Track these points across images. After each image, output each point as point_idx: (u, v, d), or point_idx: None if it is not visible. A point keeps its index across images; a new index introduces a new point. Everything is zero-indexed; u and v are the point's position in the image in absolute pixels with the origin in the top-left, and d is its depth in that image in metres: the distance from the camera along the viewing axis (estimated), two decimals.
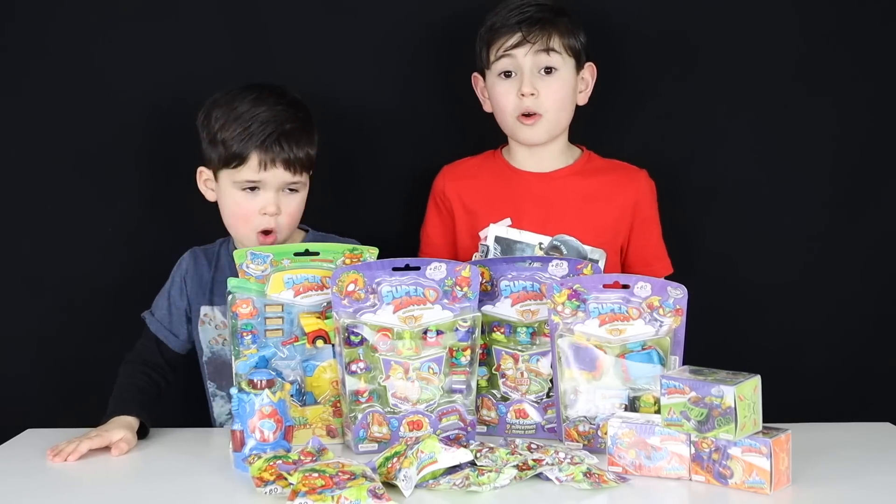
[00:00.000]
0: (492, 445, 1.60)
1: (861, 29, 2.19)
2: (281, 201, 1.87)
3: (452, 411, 1.71)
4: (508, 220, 2.00)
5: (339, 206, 2.11)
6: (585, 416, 1.69)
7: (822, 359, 2.23)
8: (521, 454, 1.57)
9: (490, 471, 1.50)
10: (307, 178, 1.91)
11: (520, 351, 1.77)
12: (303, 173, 1.89)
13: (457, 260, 1.79)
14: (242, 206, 1.87)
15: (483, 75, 2.04)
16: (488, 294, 1.77)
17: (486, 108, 2.05)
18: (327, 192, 1.95)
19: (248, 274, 1.73)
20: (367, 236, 1.85)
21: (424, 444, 1.50)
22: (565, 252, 1.97)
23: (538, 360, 1.76)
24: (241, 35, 2.17)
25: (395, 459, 1.51)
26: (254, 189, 1.86)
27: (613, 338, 1.68)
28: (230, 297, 1.71)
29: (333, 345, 1.73)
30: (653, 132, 2.20)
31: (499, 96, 2.00)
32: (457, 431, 1.70)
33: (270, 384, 1.61)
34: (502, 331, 1.77)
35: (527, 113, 1.97)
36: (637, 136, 2.20)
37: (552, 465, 1.54)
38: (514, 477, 1.50)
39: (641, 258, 2.05)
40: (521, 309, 1.77)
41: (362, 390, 1.68)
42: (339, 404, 1.73)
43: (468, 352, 1.70)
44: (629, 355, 1.67)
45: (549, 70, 1.97)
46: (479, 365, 1.74)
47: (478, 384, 1.74)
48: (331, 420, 1.75)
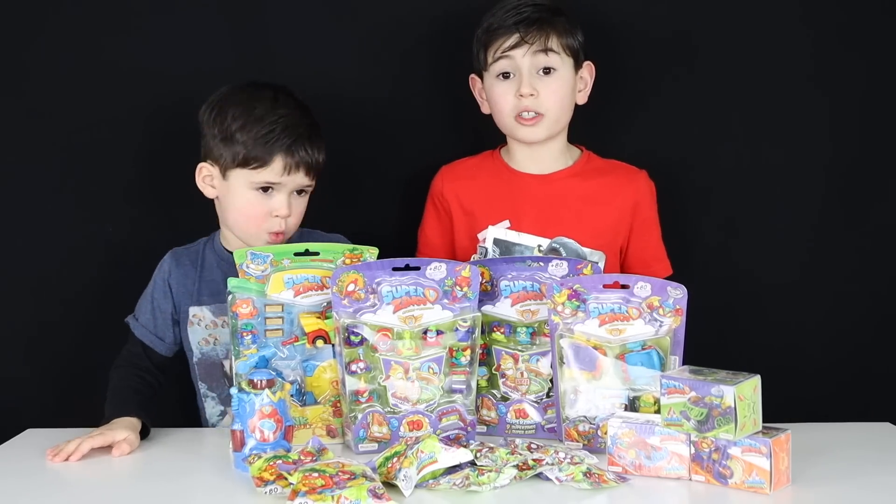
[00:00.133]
0: (492, 445, 1.60)
1: (862, 29, 2.19)
2: (291, 203, 1.88)
3: (452, 411, 1.71)
4: (507, 223, 1.99)
5: (336, 206, 2.10)
6: (585, 416, 1.69)
7: (822, 358, 2.23)
8: (521, 454, 1.57)
9: (490, 471, 1.50)
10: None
11: (520, 351, 1.77)
12: (316, 176, 1.89)
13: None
14: (256, 207, 1.86)
15: (480, 77, 2.03)
16: (488, 294, 1.77)
17: (484, 109, 2.04)
18: (325, 193, 1.95)
19: (248, 274, 1.73)
20: (364, 237, 1.85)
21: (424, 444, 1.50)
22: (564, 254, 1.96)
23: (538, 360, 1.76)
24: (239, 34, 2.17)
25: (395, 459, 1.51)
26: (267, 190, 1.86)
27: (613, 338, 1.68)
28: (230, 297, 1.71)
29: (333, 345, 1.73)
30: (652, 132, 2.20)
31: (497, 97, 1.98)
32: (457, 431, 1.70)
33: (270, 384, 1.61)
34: (502, 331, 1.77)
35: (527, 113, 1.96)
36: (636, 135, 2.19)
37: (552, 465, 1.54)
38: (514, 477, 1.50)
39: (641, 259, 2.05)
40: (521, 309, 1.77)
41: (362, 390, 1.67)
42: (339, 404, 1.73)
43: (468, 352, 1.70)
44: (629, 355, 1.67)
45: (547, 70, 1.96)
46: (479, 365, 1.74)
47: (478, 384, 1.74)
48: (331, 420, 1.74)
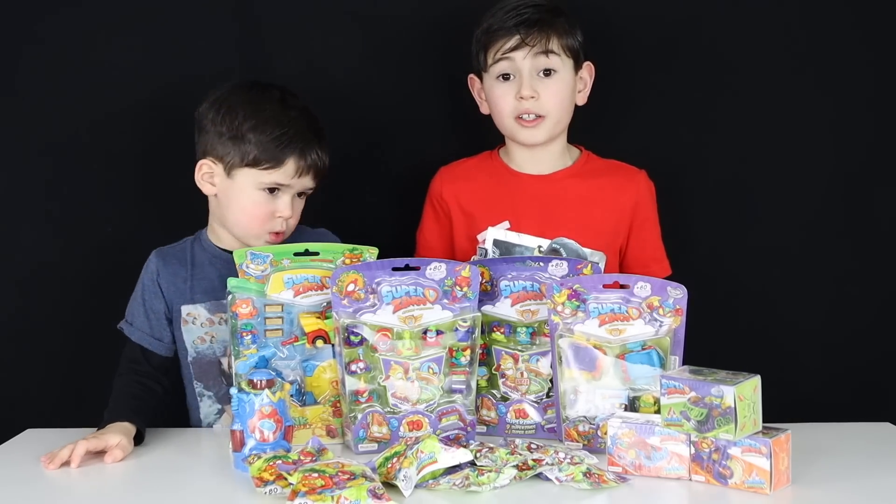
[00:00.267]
0: (492, 445, 1.60)
1: (862, 28, 2.19)
2: (293, 204, 1.88)
3: (452, 411, 1.71)
4: (507, 223, 1.98)
5: (335, 206, 2.10)
6: (585, 416, 1.69)
7: (822, 359, 2.23)
8: (520, 454, 1.57)
9: (490, 471, 1.50)
10: None
11: (520, 351, 1.77)
12: (322, 180, 1.90)
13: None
14: (261, 207, 1.86)
15: (479, 77, 2.02)
16: (488, 294, 1.77)
17: (483, 109, 2.03)
18: (324, 193, 1.95)
19: (248, 274, 1.73)
20: (363, 237, 1.84)
21: (424, 444, 1.50)
22: (564, 255, 1.96)
23: (538, 360, 1.76)
24: (238, 34, 2.17)
25: (394, 459, 1.51)
26: (273, 191, 1.86)
27: (613, 338, 1.68)
28: (230, 297, 1.71)
29: (333, 345, 1.73)
30: (652, 131, 2.20)
31: (497, 99, 1.97)
32: (457, 431, 1.70)
33: (270, 384, 1.61)
34: (502, 331, 1.77)
35: (527, 115, 1.95)
36: (636, 135, 2.19)
37: (552, 465, 1.54)
38: (514, 477, 1.50)
39: (640, 259, 2.04)
40: (520, 309, 1.77)
41: (362, 390, 1.67)
42: (338, 404, 1.73)
43: (468, 352, 1.70)
44: (629, 355, 1.67)
45: (547, 72, 1.95)
46: (479, 365, 1.74)
47: (478, 384, 1.74)
48: (331, 420, 1.74)
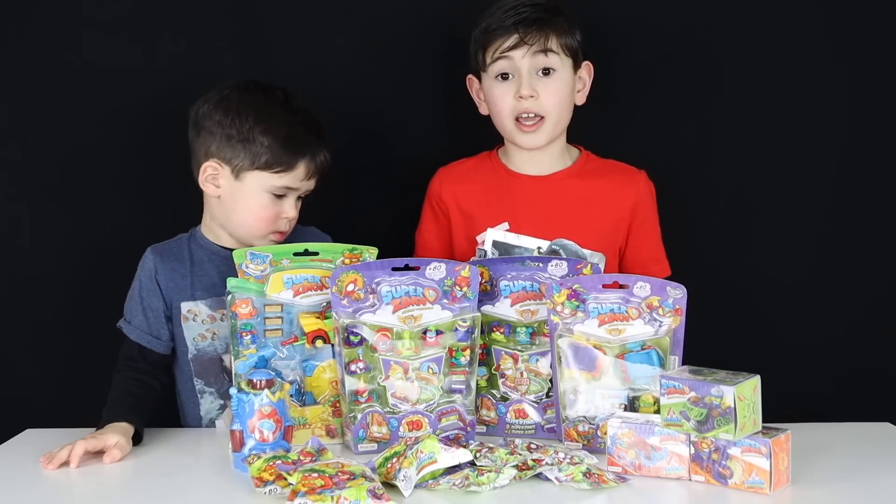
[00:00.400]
0: (491, 445, 1.60)
1: (862, 28, 2.19)
2: (296, 205, 1.90)
3: (452, 411, 1.71)
4: (506, 225, 1.97)
5: (334, 207, 2.10)
6: (585, 416, 1.69)
7: (822, 359, 2.23)
8: (520, 454, 1.57)
9: (490, 471, 1.50)
10: None
11: (519, 351, 1.77)
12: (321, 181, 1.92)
13: None
14: (269, 209, 1.87)
15: (478, 77, 2.01)
16: (488, 294, 1.77)
17: (482, 110, 2.02)
18: (323, 193, 1.95)
19: (248, 274, 1.73)
20: (362, 238, 1.84)
21: (424, 445, 1.50)
22: (564, 256, 1.96)
23: (538, 360, 1.76)
24: (237, 35, 2.17)
25: (394, 459, 1.51)
26: (280, 195, 1.87)
27: (613, 338, 1.68)
28: (230, 297, 1.71)
29: (333, 345, 1.73)
30: (651, 131, 2.20)
31: (496, 99, 1.96)
32: (456, 431, 1.70)
33: (270, 384, 1.61)
34: (502, 331, 1.77)
35: (527, 116, 1.93)
36: (635, 135, 2.19)
37: (552, 465, 1.54)
38: (514, 477, 1.50)
39: (639, 260, 2.03)
40: (520, 309, 1.77)
41: (362, 390, 1.67)
42: (338, 404, 1.73)
43: (468, 352, 1.70)
44: (629, 355, 1.67)
45: (546, 71, 1.94)
46: (479, 365, 1.74)
47: (477, 384, 1.74)
48: (330, 420, 1.74)
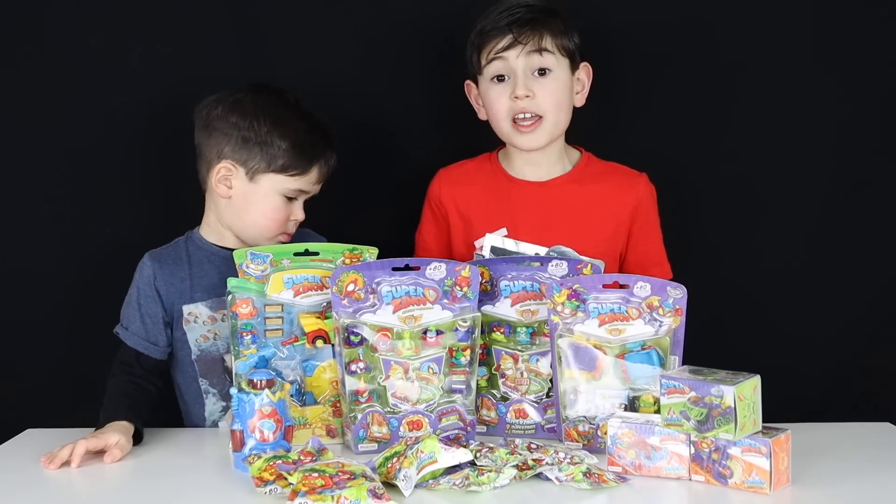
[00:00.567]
0: (492, 445, 1.60)
1: (864, 27, 2.18)
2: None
3: (452, 411, 1.71)
4: (504, 231, 1.96)
5: (334, 208, 2.10)
6: (585, 416, 1.69)
7: (822, 359, 2.23)
8: (520, 454, 1.57)
9: (490, 471, 1.50)
10: None
11: (519, 351, 1.77)
12: None
13: None
14: (280, 211, 1.88)
15: (476, 82, 1.99)
16: (488, 294, 1.77)
17: (481, 115, 2.00)
18: (323, 194, 1.95)
19: (248, 274, 1.73)
20: (362, 239, 1.84)
21: (424, 444, 1.50)
22: None
23: (538, 360, 1.76)
24: (238, 35, 2.17)
25: (394, 459, 1.51)
26: (291, 197, 1.89)
27: (613, 338, 1.68)
28: (230, 297, 1.71)
29: (333, 345, 1.73)
30: (651, 132, 2.20)
31: (492, 101, 1.94)
32: (457, 431, 1.70)
33: (270, 384, 1.61)
34: (502, 331, 1.77)
35: (523, 116, 1.92)
36: (636, 136, 2.19)
37: (552, 465, 1.54)
38: (514, 477, 1.50)
39: (640, 263, 2.01)
40: (520, 309, 1.77)
41: (362, 390, 1.67)
42: (338, 404, 1.73)
43: (468, 352, 1.70)
44: (629, 355, 1.67)
45: (542, 71, 1.92)
46: (479, 365, 1.74)
47: (477, 384, 1.74)
48: (331, 420, 1.74)
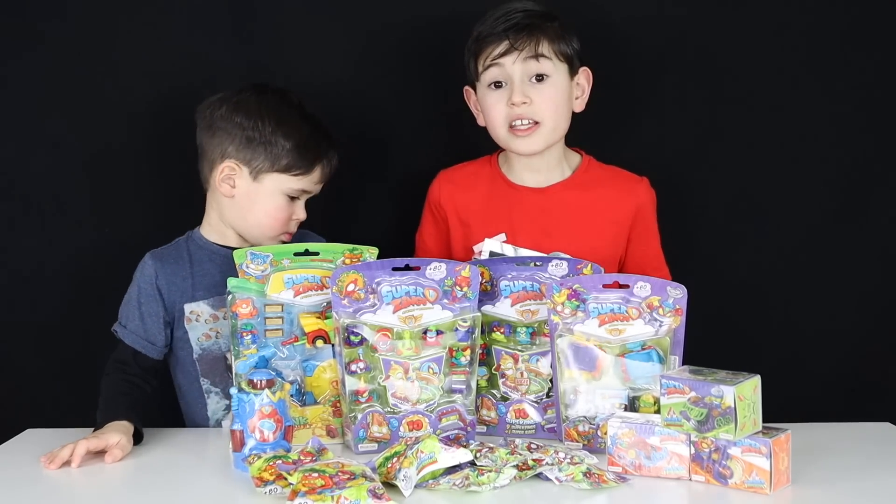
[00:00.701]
0: (492, 445, 1.60)
1: (862, 30, 2.18)
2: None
3: (452, 411, 1.71)
4: (503, 236, 1.95)
5: (334, 208, 2.10)
6: (585, 416, 1.69)
7: (823, 359, 2.23)
8: (520, 454, 1.57)
9: (490, 471, 1.50)
10: None
11: (520, 351, 1.77)
12: None
13: None
14: (283, 211, 1.89)
15: (474, 88, 1.98)
16: (488, 294, 1.77)
17: (480, 121, 1.99)
18: (324, 195, 1.95)
19: (248, 274, 1.73)
20: (362, 239, 1.84)
21: (424, 444, 1.50)
22: None
23: (538, 360, 1.76)
24: (238, 35, 2.17)
25: (394, 459, 1.51)
26: (294, 197, 1.90)
27: (613, 338, 1.68)
28: (230, 297, 1.71)
29: (333, 345, 1.73)
30: (651, 135, 2.19)
31: (489, 108, 1.93)
32: (457, 431, 1.70)
33: (270, 384, 1.61)
34: (502, 331, 1.77)
35: (521, 123, 1.90)
36: (637, 142, 2.18)
37: (552, 465, 1.54)
38: (514, 477, 1.50)
39: (639, 267, 1.99)
40: (520, 309, 1.77)
41: (362, 390, 1.67)
42: (338, 404, 1.73)
43: (468, 352, 1.70)
44: (629, 355, 1.67)
45: (540, 77, 1.90)
46: (479, 365, 1.74)
47: (478, 384, 1.74)
48: (331, 420, 1.75)
